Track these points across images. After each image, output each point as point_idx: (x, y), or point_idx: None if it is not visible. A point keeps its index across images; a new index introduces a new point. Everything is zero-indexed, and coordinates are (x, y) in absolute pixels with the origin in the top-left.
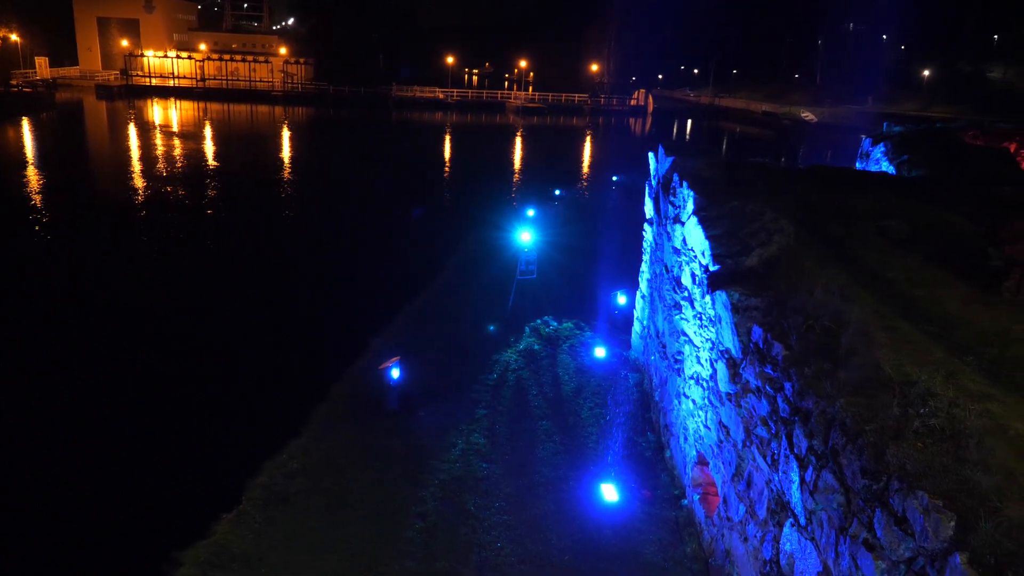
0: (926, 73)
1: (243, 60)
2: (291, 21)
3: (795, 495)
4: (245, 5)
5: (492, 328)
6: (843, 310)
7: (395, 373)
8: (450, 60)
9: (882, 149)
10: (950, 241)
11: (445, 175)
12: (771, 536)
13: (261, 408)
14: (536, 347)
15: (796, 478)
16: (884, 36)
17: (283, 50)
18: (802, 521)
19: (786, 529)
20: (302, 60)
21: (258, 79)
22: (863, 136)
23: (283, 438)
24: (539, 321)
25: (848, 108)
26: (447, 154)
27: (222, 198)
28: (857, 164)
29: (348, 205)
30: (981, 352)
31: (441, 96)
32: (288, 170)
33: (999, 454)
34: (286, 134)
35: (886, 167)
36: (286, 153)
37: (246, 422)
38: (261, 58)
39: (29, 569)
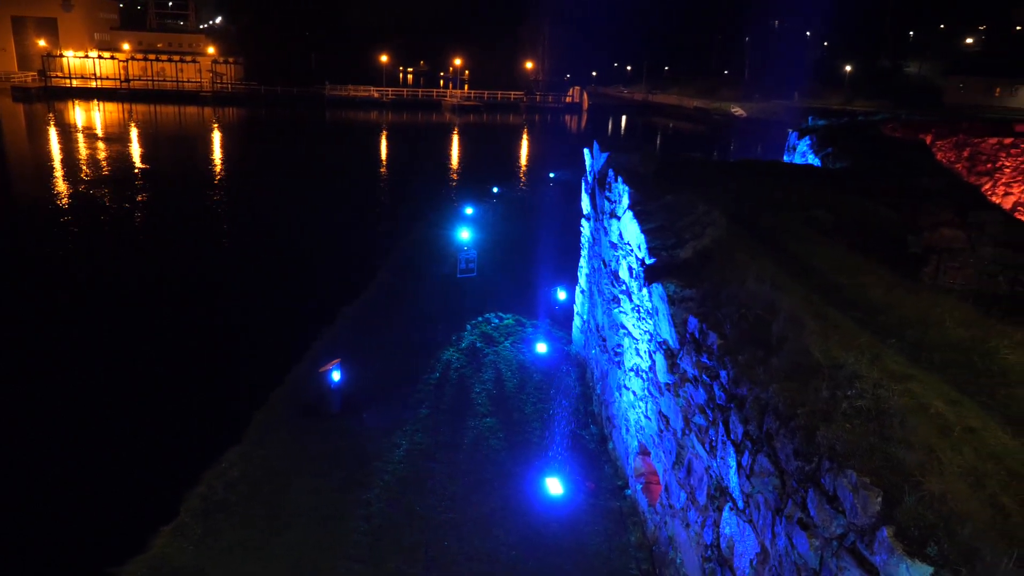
0: (848, 68)
1: (169, 60)
2: (219, 20)
3: (733, 480)
4: (170, 3)
5: (434, 327)
6: (774, 299)
7: (336, 376)
8: (384, 59)
9: (808, 142)
10: (873, 230)
11: (382, 174)
12: (711, 521)
13: (198, 415)
14: (478, 344)
15: (733, 463)
16: (808, 33)
17: (211, 49)
18: (740, 505)
19: (725, 513)
20: (231, 59)
21: (186, 79)
22: (790, 130)
23: (221, 445)
24: (480, 318)
25: (776, 103)
26: (384, 153)
27: (150, 202)
28: (785, 157)
29: (282, 207)
30: (903, 335)
31: (376, 95)
32: (220, 173)
33: (921, 431)
34: (217, 136)
35: (812, 159)
36: (217, 155)
37: (183, 430)
38: (188, 58)
39: None
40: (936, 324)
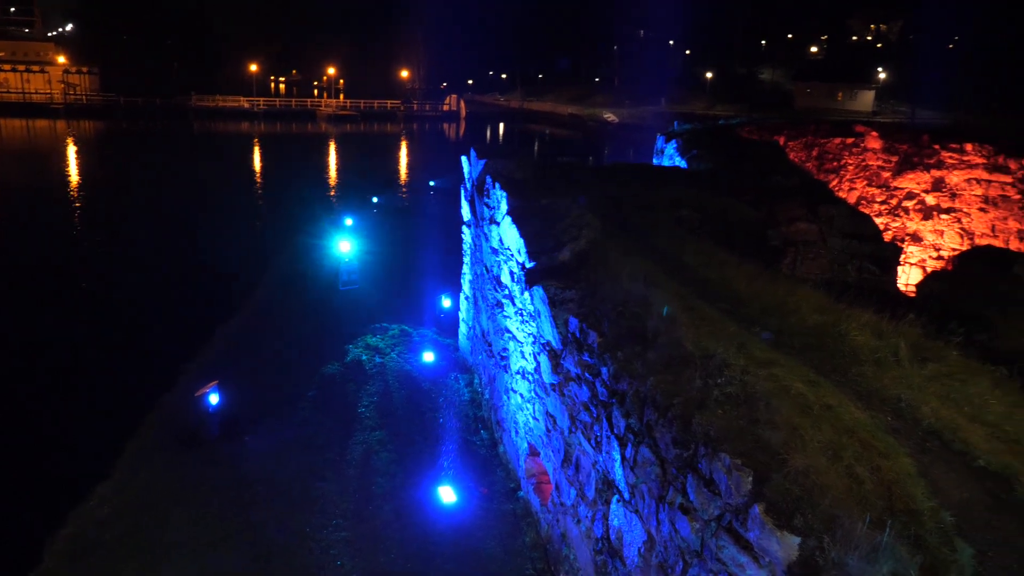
0: (709, 75)
1: (13, 70)
2: (69, 27)
3: (618, 472)
4: (12, 9)
5: (317, 341)
6: (648, 295)
7: (213, 399)
8: (254, 68)
9: (674, 145)
10: (736, 226)
11: (256, 187)
12: (600, 514)
13: (62, 448)
14: (364, 357)
15: (618, 456)
16: (671, 42)
17: (62, 59)
18: (626, 496)
19: (613, 506)
20: (85, 69)
21: (33, 91)
22: (658, 134)
23: (90, 482)
24: (365, 330)
25: (645, 109)
26: (257, 165)
27: None
28: (654, 160)
29: (147, 224)
30: (766, 323)
31: (247, 105)
32: (76, 190)
33: (784, 412)
34: (72, 150)
35: (679, 162)
36: (73, 172)
37: (45, 466)
38: (36, 67)
39: None
40: (794, 311)
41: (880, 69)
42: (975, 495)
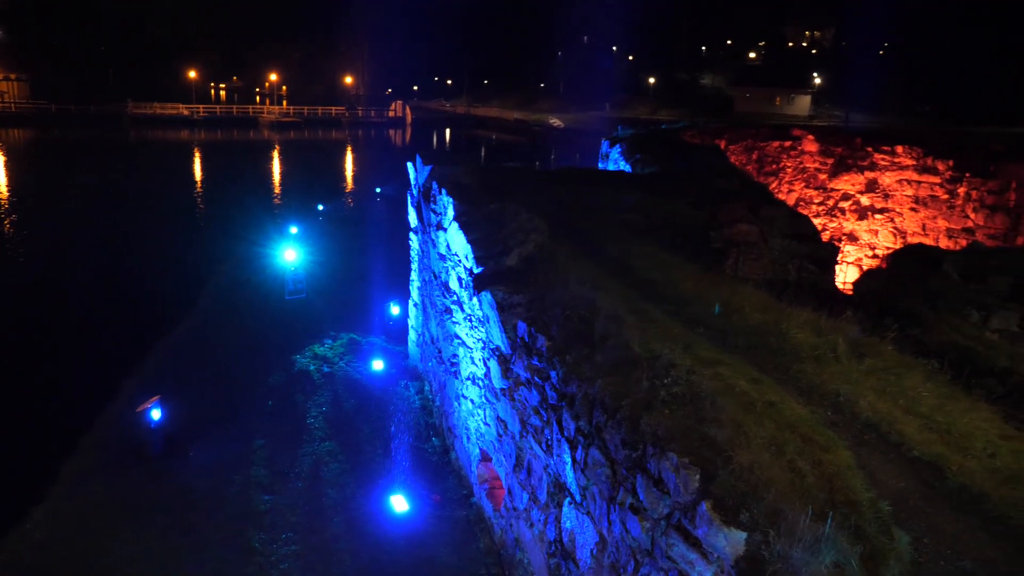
0: (652, 81)
1: None
2: None
3: (569, 475)
4: None
5: (263, 352)
6: (595, 298)
7: (155, 414)
8: (193, 74)
9: (619, 150)
10: (680, 228)
11: (197, 196)
12: (553, 517)
13: None
14: (311, 367)
15: (568, 459)
16: (614, 48)
17: None
18: (578, 498)
19: (565, 508)
20: (13, 76)
21: None
22: (603, 139)
23: (23, 505)
24: (313, 340)
25: (590, 114)
26: (198, 174)
27: None
28: (600, 164)
29: (83, 234)
30: (710, 323)
31: (186, 112)
32: (5, 202)
33: (729, 410)
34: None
35: (624, 166)
36: (1, 182)
37: None
38: None
39: None
40: (737, 311)
41: (815, 74)
42: (910, 484)
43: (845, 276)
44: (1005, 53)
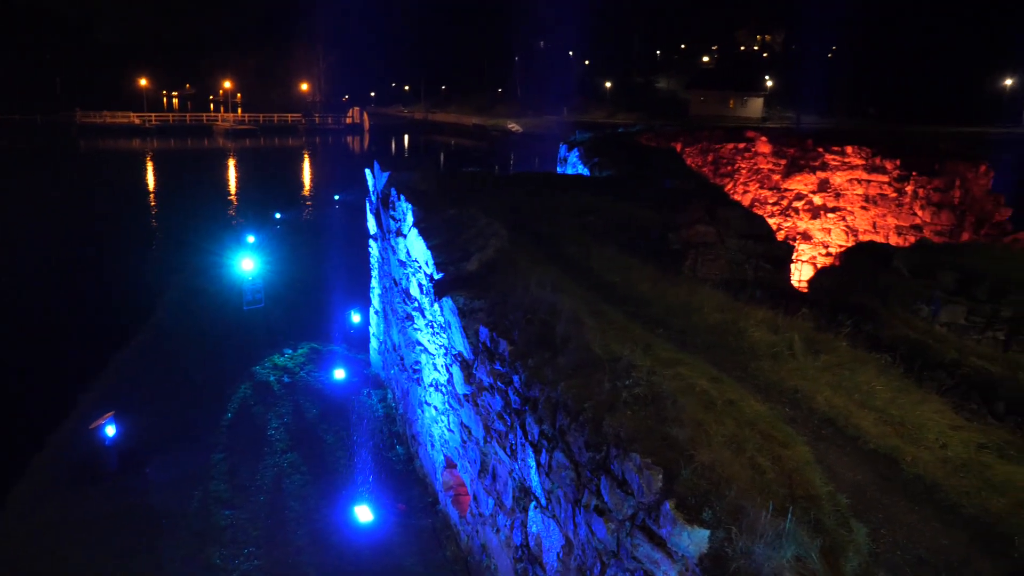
0: (608, 85)
1: None
2: None
3: (534, 479)
4: None
5: (221, 364)
6: (556, 301)
7: (110, 430)
8: (144, 82)
9: (577, 154)
10: (638, 230)
11: (151, 206)
12: (519, 522)
13: None
14: (272, 378)
15: (533, 463)
16: (571, 53)
17: None
18: (543, 502)
19: (531, 513)
20: None
21: None
22: (561, 143)
23: None
24: (272, 350)
25: (548, 118)
26: (151, 183)
27: None
28: (558, 168)
29: (33, 247)
30: (669, 323)
31: (137, 121)
32: None
33: (690, 409)
34: None
35: (582, 169)
36: None
37: None
38: None
39: None
40: (696, 311)
41: (767, 77)
42: (867, 477)
43: (800, 274)
44: (943, 55)
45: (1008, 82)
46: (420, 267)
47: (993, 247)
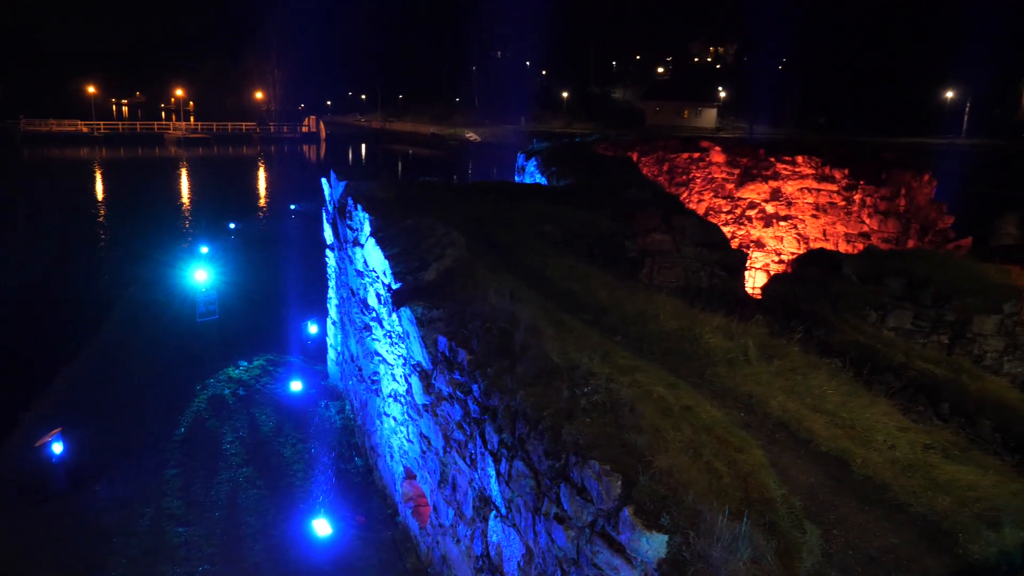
0: (565, 95)
1: None
2: None
3: (494, 488)
4: None
5: (174, 378)
6: (514, 310)
7: (57, 448)
8: (92, 89)
9: (535, 163)
10: (596, 239)
11: (100, 216)
12: (479, 532)
13: None
14: (227, 391)
15: (493, 472)
16: (528, 63)
17: None
18: (503, 511)
19: (491, 522)
20: None
21: None
22: (519, 152)
23: None
24: (227, 363)
25: (505, 127)
26: (100, 193)
27: None
28: (516, 177)
29: None
30: (627, 331)
31: (85, 130)
32: None
33: (648, 416)
34: None
35: (539, 178)
36: None
37: None
38: None
39: None
40: (653, 318)
41: (721, 88)
42: (819, 479)
43: (754, 281)
44: (889, 69)
45: (949, 94)
46: (378, 277)
47: (936, 254)
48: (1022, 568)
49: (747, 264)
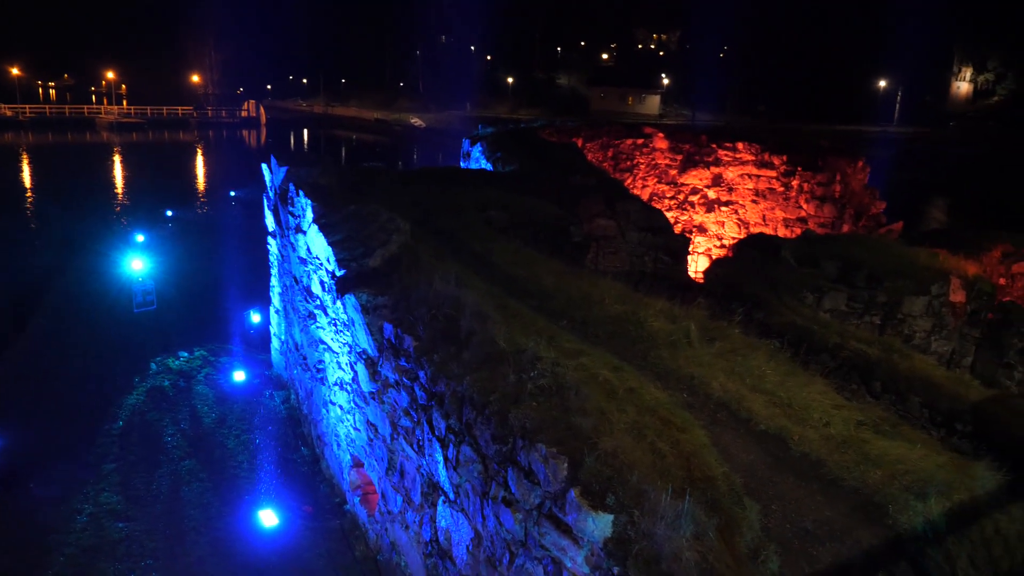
0: (511, 80)
1: None
2: None
3: (442, 474)
4: None
5: (110, 371)
6: (460, 296)
7: None
8: (16, 71)
9: (480, 149)
10: (541, 224)
11: (27, 204)
12: (428, 518)
13: None
14: (167, 383)
15: (440, 458)
16: (472, 48)
17: None
18: (451, 496)
19: (440, 507)
20: None
21: None
22: (464, 138)
23: None
24: (167, 354)
25: (451, 113)
26: (27, 180)
27: None
28: (462, 163)
29: None
30: (572, 315)
31: (9, 113)
32: None
33: (593, 399)
34: None
35: (485, 164)
36: None
37: None
38: None
39: None
40: (598, 303)
41: (663, 75)
42: (758, 457)
43: (696, 265)
44: (826, 58)
45: (882, 84)
46: (321, 264)
47: (869, 238)
48: (946, 535)
49: (690, 249)
